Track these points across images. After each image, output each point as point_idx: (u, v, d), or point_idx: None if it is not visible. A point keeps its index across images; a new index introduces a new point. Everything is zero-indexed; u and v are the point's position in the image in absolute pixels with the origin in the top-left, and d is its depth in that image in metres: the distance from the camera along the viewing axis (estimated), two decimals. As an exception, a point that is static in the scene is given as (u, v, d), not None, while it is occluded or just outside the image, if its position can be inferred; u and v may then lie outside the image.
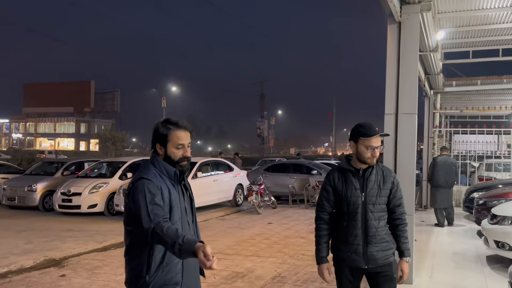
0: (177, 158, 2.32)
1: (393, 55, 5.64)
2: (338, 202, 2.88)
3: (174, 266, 2.25)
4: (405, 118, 5.57)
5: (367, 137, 2.79)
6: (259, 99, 68.23)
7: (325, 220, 2.93)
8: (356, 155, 2.86)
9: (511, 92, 17.62)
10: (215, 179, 12.21)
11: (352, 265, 2.84)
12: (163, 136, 2.32)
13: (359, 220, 2.81)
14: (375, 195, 2.82)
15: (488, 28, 11.11)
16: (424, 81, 12.58)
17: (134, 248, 2.25)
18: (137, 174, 2.30)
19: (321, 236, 2.92)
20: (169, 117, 2.40)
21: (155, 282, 2.21)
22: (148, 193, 2.17)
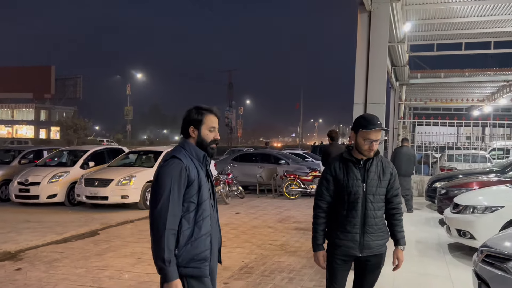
0: (209, 140, 2.48)
1: (363, 44, 5.64)
2: (339, 191, 2.89)
3: (203, 241, 2.35)
4: (374, 108, 5.59)
5: (366, 130, 2.79)
6: (227, 88, 67.81)
7: (324, 209, 2.95)
8: (355, 146, 2.88)
9: (472, 85, 18.26)
10: (181, 169, 11.95)
11: (347, 252, 2.88)
12: (197, 119, 2.47)
13: (359, 210, 2.83)
14: (375, 186, 2.85)
15: (453, 22, 11.37)
16: (391, 72, 12.78)
17: None
18: (169, 154, 2.43)
19: (319, 224, 2.95)
20: (199, 104, 2.54)
21: (184, 256, 2.29)
22: (177, 178, 2.29)
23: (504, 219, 5.81)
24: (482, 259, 3.52)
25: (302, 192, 12.80)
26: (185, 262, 2.31)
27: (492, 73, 16.21)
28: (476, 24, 11.77)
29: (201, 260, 2.34)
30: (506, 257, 3.29)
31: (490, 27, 12.00)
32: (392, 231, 3.00)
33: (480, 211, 6.11)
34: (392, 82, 14.44)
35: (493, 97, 20.37)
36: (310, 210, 10.25)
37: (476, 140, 15.51)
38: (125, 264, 5.86)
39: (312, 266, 5.71)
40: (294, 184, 12.80)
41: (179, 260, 2.29)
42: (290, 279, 5.23)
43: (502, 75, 15.84)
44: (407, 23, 9.47)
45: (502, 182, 8.13)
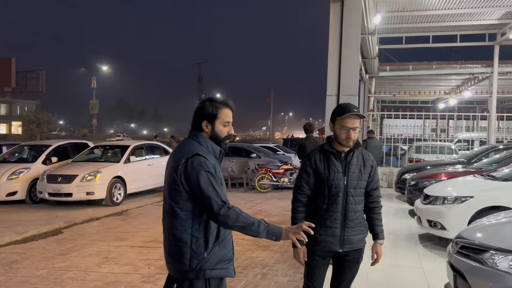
0: (223, 135, 2.36)
1: (335, 35, 5.53)
2: (319, 184, 2.79)
3: (227, 242, 2.32)
4: (346, 99, 5.49)
5: (341, 116, 2.70)
6: (197, 81, 66.97)
7: (303, 202, 2.84)
8: (335, 136, 2.79)
9: (438, 78, 18.64)
10: (150, 164, 11.62)
11: (327, 248, 2.79)
12: (212, 113, 2.33)
13: (339, 204, 2.75)
14: (356, 179, 2.77)
15: (421, 14, 11.48)
16: (361, 64, 12.81)
17: (186, 224, 2.20)
18: (187, 150, 2.24)
19: (298, 219, 2.81)
20: (212, 96, 2.42)
21: (213, 259, 2.22)
22: (210, 173, 2.18)
23: (473, 209, 5.88)
24: (457, 250, 3.48)
25: (274, 185, 12.73)
26: (213, 264, 2.23)
27: (458, 66, 16.60)
28: (443, 17, 11.95)
29: (227, 260, 2.30)
30: (481, 248, 3.26)
31: (456, 20, 12.21)
32: (371, 225, 2.92)
33: (450, 201, 6.16)
34: (362, 75, 14.51)
35: (458, 90, 20.90)
36: (282, 203, 10.19)
37: (441, 132, 15.86)
38: (90, 264, 5.58)
39: (286, 261, 5.61)
40: (266, 178, 12.70)
41: (208, 262, 2.21)
42: (263, 275, 5.10)
43: (467, 68, 16.24)
44: (377, 15, 9.47)
45: (469, 172, 8.27)
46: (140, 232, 7.49)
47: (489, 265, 3.11)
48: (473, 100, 26.17)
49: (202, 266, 2.20)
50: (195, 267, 2.20)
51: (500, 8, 11.15)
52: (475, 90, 18.02)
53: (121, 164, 10.61)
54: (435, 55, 22.07)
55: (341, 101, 5.51)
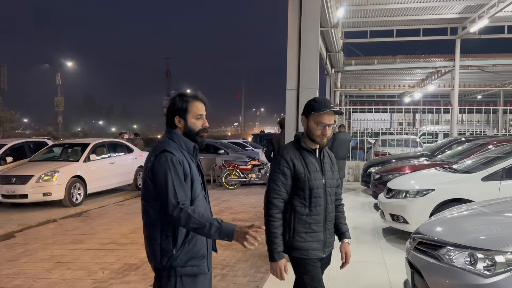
0: (197, 128, 2.35)
1: (294, 27, 5.39)
2: (298, 186, 2.54)
3: (200, 238, 2.27)
4: (307, 93, 5.37)
5: (319, 112, 2.52)
6: (165, 77, 65.88)
7: (280, 208, 2.56)
8: (307, 132, 2.60)
9: (403, 72, 18.89)
10: (111, 162, 11.22)
11: (313, 255, 2.58)
12: (182, 108, 2.33)
13: (322, 205, 2.58)
14: (330, 178, 2.65)
15: (385, 8, 11.52)
16: (326, 59, 12.78)
17: (155, 223, 2.22)
18: (158, 147, 2.26)
19: (278, 228, 2.53)
20: (182, 91, 2.42)
21: (183, 255, 2.21)
22: (174, 170, 2.17)
23: (435, 202, 5.88)
24: (414, 246, 3.40)
25: (241, 181, 12.57)
26: (184, 262, 2.22)
27: (422, 60, 16.86)
28: (406, 11, 12.05)
29: (200, 257, 2.27)
30: (438, 244, 3.18)
31: (419, 14, 12.33)
32: (336, 224, 2.77)
33: (412, 195, 6.15)
34: (327, 69, 14.51)
35: (423, 84, 21.29)
36: (249, 200, 10.01)
37: (407, 126, 16.10)
38: (40, 270, 5.27)
39: (247, 260, 5.46)
40: (233, 174, 12.52)
41: (178, 260, 2.20)
42: (223, 275, 4.93)
43: (430, 61, 16.52)
44: (340, 8, 9.41)
45: (432, 165, 8.34)
46: (99, 234, 7.18)
47: (445, 261, 3.04)
48: (438, 93, 26.76)
49: (172, 263, 2.20)
50: (165, 264, 2.21)
51: (461, 2, 11.33)
52: (439, 84, 18.39)
53: (81, 163, 10.19)
54: (401, 49, 22.40)
55: (301, 95, 5.38)
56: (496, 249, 2.81)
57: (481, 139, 10.28)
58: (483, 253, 2.85)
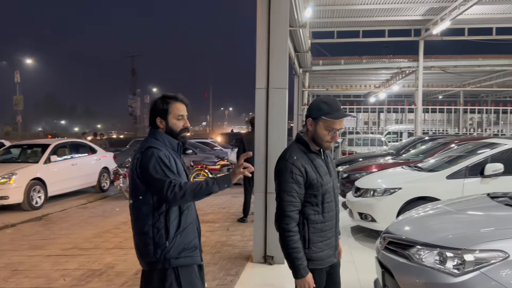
0: (178, 129, 2.44)
1: (263, 25, 5.31)
2: (311, 193, 2.37)
3: (191, 230, 2.37)
4: (276, 93, 5.32)
5: (332, 119, 2.35)
6: (130, 75, 64.49)
7: (297, 220, 2.36)
8: (313, 136, 2.41)
9: (369, 72, 19.24)
10: (74, 163, 10.80)
11: (328, 263, 2.48)
12: (163, 109, 2.42)
13: (333, 210, 2.47)
14: (335, 178, 2.55)
15: (351, 9, 11.65)
16: (294, 58, 12.81)
17: (146, 218, 2.30)
18: (143, 145, 2.37)
19: (297, 242, 2.34)
20: (165, 93, 2.51)
21: (175, 247, 2.29)
22: (160, 160, 2.27)
23: (402, 201, 5.96)
24: (385, 246, 3.40)
25: (209, 182, 12.38)
26: (177, 253, 2.30)
27: (387, 60, 17.22)
28: (372, 12, 12.23)
29: (192, 248, 2.35)
30: (408, 243, 3.18)
31: (385, 15, 12.56)
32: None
33: (380, 193, 6.21)
34: (295, 69, 14.57)
35: (388, 84, 21.76)
36: (217, 200, 9.85)
37: (373, 125, 16.41)
38: (-5, 280, 4.96)
39: (216, 263, 5.34)
40: (202, 174, 12.32)
41: (171, 251, 2.28)
42: (191, 280, 4.79)
43: (395, 62, 16.89)
44: (308, 8, 9.42)
45: (398, 164, 8.48)
46: (60, 238, 6.86)
47: (415, 260, 3.04)
48: (402, 93, 27.47)
49: (166, 255, 2.27)
50: (159, 257, 2.28)
51: (424, 4, 11.61)
52: (403, 84, 18.86)
53: (41, 164, 9.74)
54: (367, 50, 22.89)
55: (270, 95, 5.32)
56: (465, 247, 2.83)
57: (444, 138, 10.56)
58: (452, 252, 2.87)
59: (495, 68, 17.05)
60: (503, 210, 3.46)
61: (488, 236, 2.88)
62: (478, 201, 3.94)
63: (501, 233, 2.90)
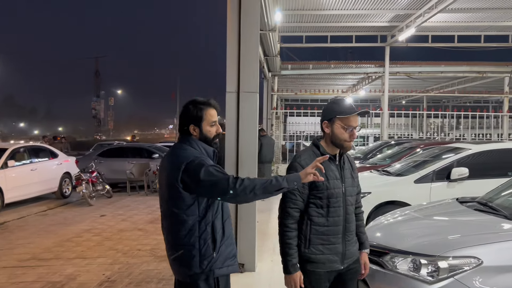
0: (212, 135, 2.38)
1: (233, 29, 5.20)
2: (316, 195, 2.41)
3: (231, 239, 2.35)
4: (247, 96, 5.23)
5: (346, 115, 2.40)
6: (94, 77, 62.81)
7: (296, 218, 2.43)
8: (331, 138, 2.45)
9: (336, 77, 19.48)
10: (33, 168, 10.30)
11: (330, 268, 2.44)
12: (197, 116, 2.35)
13: (341, 216, 2.44)
14: (350, 186, 2.51)
15: (319, 14, 11.74)
16: (264, 62, 12.78)
17: (192, 230, 2.23)
18: (183, 156, 2.25)
19: (292, 238, 2.41)
20: (195, 97, 2.41)
21: (221, 257, 2.27)
22: (211, 165, 2.21)
23: (371, 205, 5.98)
24: (358, 253, 3.34)
25: (177, 187, 12.13)
26: (221, 263, 2.27)
27: (354, 65, 17.49)
28: (339, 18, 12.38)
29: (232, 257, 2.35)
30: (382, 250, 3.15)
31: (352, 21, 12.74)
32: (356, 233, 2.62)
33: (350, 198, 6.21)
34: (265, 73, 14.55)
35: (355, 89, 22.13)
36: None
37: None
38: None
39: (185, 272, 5.16)
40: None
41: (217, 262, 2.25)
42: (158, 290, 4.60)
43: (362, 67, 17.18)
44: (277, 12, 9.40)
45: (366, 168, 8.57)
46: (17, 248, 6.48)
47: (390, 268, 3.00)
48: (367, 98, 28.03)
49: (211, 266, 2.24)
50: (205, 268, 2.23)
51: (390, 11, 11.85)
52: (369, 89, 19.21)
53: (-7, 170, 9.23)
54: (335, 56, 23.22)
55: (241, 99, 5.23)
56: (439, 254, 2.81)
57: (410, 142, 10.77)
58: (426, 259, 2.85)
59: (457, 74, 17.64)
60: (473, 215, 3.49)
61: (462, 243, 2.88)
62: (447, 206, 3.97)
63: (474, 239, 2.91)
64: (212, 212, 2.26)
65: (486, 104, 30.23)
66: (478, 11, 11.79)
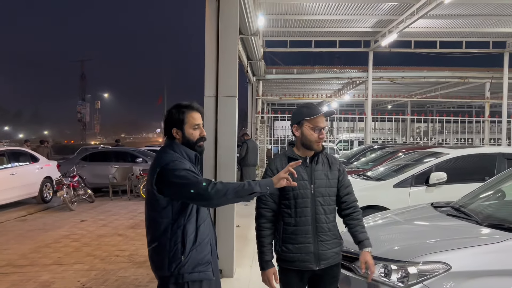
0: (195, 138, 2.40)
1: (212, 33, 5.20)
2: (284, 196, 2.54)
3: (205, 245, 2.33)
4: (226, 101, 5.22)
5: (312, 116, 2.53)
6: (79, 80, 62.16)
7: (268, 218, 2.58)
8: (302, 140, 2.58)
9: (321, 82, 19.57)
10: (12, 172, 10.13)
11: (302, 267, 2.53)
12: (179, 119, 2.38)
13: (309, 216, 2.52)
14: (323, 186, 2.56)
15: (303, 19, 11.79)
16: (247, 67, 12.77)
17: (165, 232, 2.27)
18: (162, 159, 2.30)
19: (265, 237, 2.57)
20: (179, 102, 2.44)
21: (190, 262, 2.27)
22: (185, 169, 2.23)
23: (351, 210, 5.98)
24: (331, 259, 3.33)
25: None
26: (191, 268, 2.28)
27: (338, 70, 17.59)
28: (323, 23, 12.44)
29: (205, 263, 2.33)
30: (353, 255, 3.14)
31: (336, 26, 12.81)
32: (353, 233, 2.66)
33: (330, 203, 6.22)
34: (249, 77, 14.55)
35: (339, 93, 22.25)
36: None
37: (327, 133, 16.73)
38: None
39: (162, 278, 5.10)
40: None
41: (186, 266, 2.26)
42: (134, 297, 4.54)
43: (346, 72, 17.29)
44: (260, 17, 9.42)
45: (348, 172, 8.56)
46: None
47: (361, 274, 2.99)
48: (353, 103, 28.17)
49: (180, 270, 2.25)
50: (173, 271, 2.25)
51: (373, 17, 11.95)
52: (354, 94, 19.33)
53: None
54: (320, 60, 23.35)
55: (220, 103, 5.22)
56: (408, 260, 2.81)
57: (391, 146, 10.86)
58: (396, 265, 2.85)
59: (439, 79, 17.87)
60: (445, 221, 3.51)
61: (431, 248, 2.88)
62: (421, 211, 3.99)
63: (444, 245, 2.92)
64: (185, 215, 2.28)
65: (470, 109, 30.69)
66: (459, 18, 11.96)
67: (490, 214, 3.53)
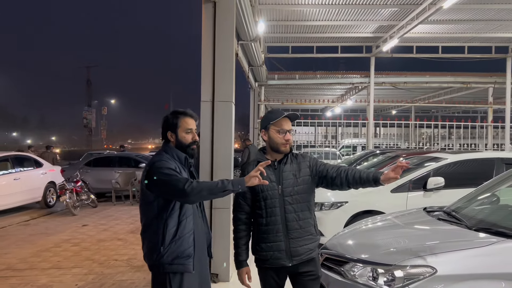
0: (188, 142, 2.63)
1: (208, 38, 5.26)
2: (255, 198, 2.68)
3: (186, 239, 2.50)
4: (222, 106, 5.26)
5: (276, 120, 2.66)
6: (85, 86, 62.62)
7: (243, 220, 2.74)
8: (270, 144, 2.72)
9: (324, 87, 19.61)
10: (16, 178, 10.23)
11: (276, 264, 2.66)
12: (173, 123, 2.64)
13: (278, 215, 2.64)
14: (291, 186, 2.65)
15: (305, 25, 11.85)
16: (248, 72, 12.83)
17: (150, 225, 2.52)
18: (153, 159, 2.59)
19: (240, 238, 2.74)
20: (176, 108, 2.71)
21: (169, 254, 2.46)
22: (168, 168, 2.47)
23: (348, 214, 6.00)
24: (321, 262, 3.35)
25: (162, 196, 12.08)
26: (170, 259, 2.46)
27: (340, 76, 17.60)
28: (325, 28, 12.50)
29: (186, 257, 2.48)
30: (342, 259, 3.16)
31: (337, 32, 12.86)
32: (361, 179, 2.59)
33: (327, 207, 6.23)
34: (251, 83, 14.61)
35: (342, 99, 22.26)
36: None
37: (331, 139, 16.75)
38: None
39: (158, 282, 5.13)
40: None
41: (165, 257, 2.45)
42: (129, 301, 4.57)
43: (348, 77, 17.29)
44: (260, 23, 9.49)
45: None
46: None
47: (349, 277, 3.01)
48: (357, 108, 28.14)
49: (159, 260, 2.46)
50: (154, 260, 2.48)
51: (374, 22, 11.98)
52: (356, 99, 19.33)
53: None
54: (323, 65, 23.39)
55: (216, 108, 5.27)
56: (395, 263, 2.83)
57: (392, 151, 10.84)
58: (383, 268, 2.86)
59: (442, 85, 17.81)
60: (435, 225, 3.51)
61: (417, 252, 2.89)
62: (413, 216, 3.99)
63: (429, 249, 2.92)
64: (167, 210, 2.49)
65: (475, 114, 30.52)
66: (460, 23, 11.97)
67: (481, 218, 3.53)
